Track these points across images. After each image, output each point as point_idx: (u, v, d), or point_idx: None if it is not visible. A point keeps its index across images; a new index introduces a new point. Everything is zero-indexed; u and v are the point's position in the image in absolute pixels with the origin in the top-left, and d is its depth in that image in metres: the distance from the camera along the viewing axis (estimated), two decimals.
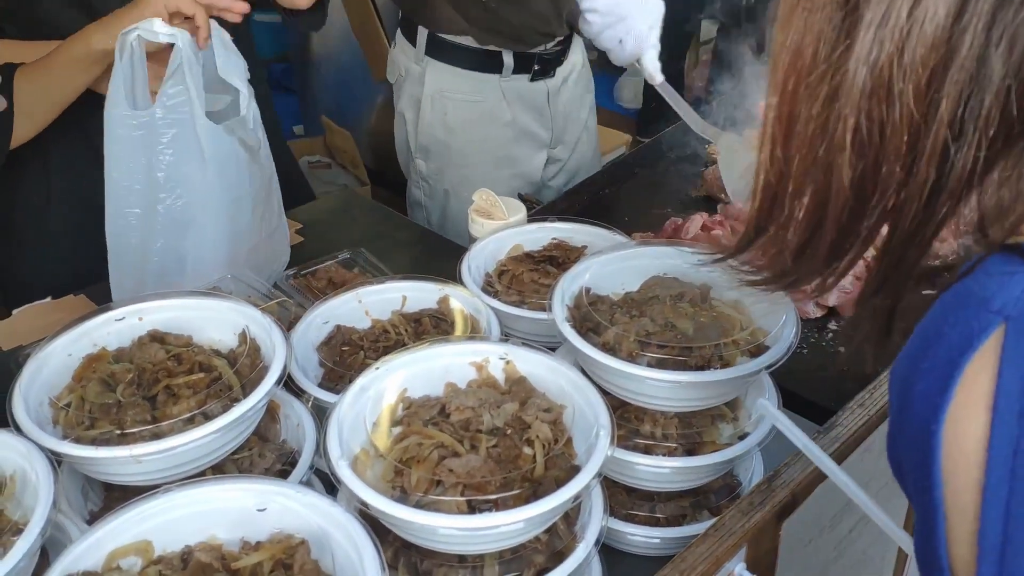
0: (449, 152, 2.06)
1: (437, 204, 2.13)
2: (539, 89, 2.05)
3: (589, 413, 0.99)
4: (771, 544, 1.03)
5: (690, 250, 1.19)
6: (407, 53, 2.04)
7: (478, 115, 2.02)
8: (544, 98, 2.07)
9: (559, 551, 0.97)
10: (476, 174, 2.03)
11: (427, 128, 2.05)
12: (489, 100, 2.01)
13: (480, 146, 2.04)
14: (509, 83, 2.00)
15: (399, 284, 1.31)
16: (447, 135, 2.04)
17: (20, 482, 0.93)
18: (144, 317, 1.11)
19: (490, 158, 2.06)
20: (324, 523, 0.86)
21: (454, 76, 1.99)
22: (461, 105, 2.01)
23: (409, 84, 2.05)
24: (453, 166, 2.06)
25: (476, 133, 2.03)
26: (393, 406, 1.04)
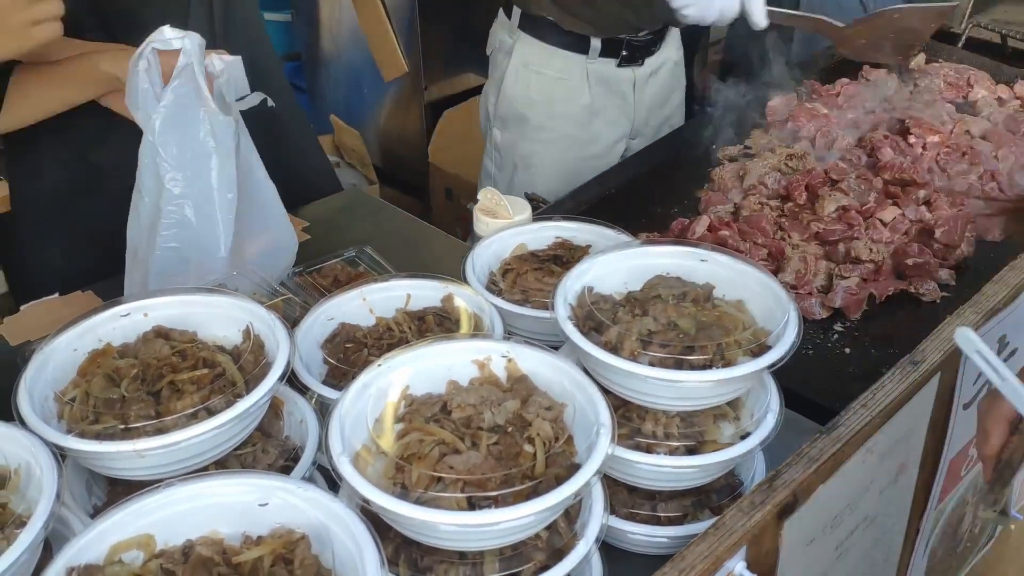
0: (525, 126, 2.11)
1: (505, 176, 2.18)
2: (625, 76, 2.08)
3: (590, 411, 0.99)
4: (772, 544, 1.03)
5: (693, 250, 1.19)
6: (504, 25, 2.10)
7: (559, 92, 2.06)
8: (630, 86, 2.10)
9: (559, 549, 0.98)
10: (548, 151, 2.09)
11: (508, 99, 2.11)
12: (572, 79, 2.05)
13: (556, 123, 2.09)
14: (594, 65, 2.04)
15: (403, 282, 1.31)
16: (526, 108, 2.09)
17: (24, 476, 0.94)
18: (149, 313, 1.12)
19: (563, 137, 2.10)
20: (325, 519, 0.87)
21: (542, 51, 2.04)
22: (544, 80, 2.06)
23: (501, 56, 2.11)
24: (527, 140, 2.12)
25: (554, 109, 2.08)
26: (395, 403, 1.04)
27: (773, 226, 1.66)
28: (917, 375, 1.18)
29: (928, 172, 1.81)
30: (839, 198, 1.67)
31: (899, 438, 1.19)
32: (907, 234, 1.65)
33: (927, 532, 1.41)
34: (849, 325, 1.52)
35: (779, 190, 1.75)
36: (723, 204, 1.73)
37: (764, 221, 1.64)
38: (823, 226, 1.63)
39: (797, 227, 1.65)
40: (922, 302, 1.57)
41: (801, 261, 1.58)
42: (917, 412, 1.21)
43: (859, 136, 1.93)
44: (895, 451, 1.19)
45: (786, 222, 1.67)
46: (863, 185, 1.72)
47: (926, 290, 1.57)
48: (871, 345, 1.49)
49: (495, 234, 1.44)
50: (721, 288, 1.17)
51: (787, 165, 1.80)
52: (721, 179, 1.81)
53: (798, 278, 1.56)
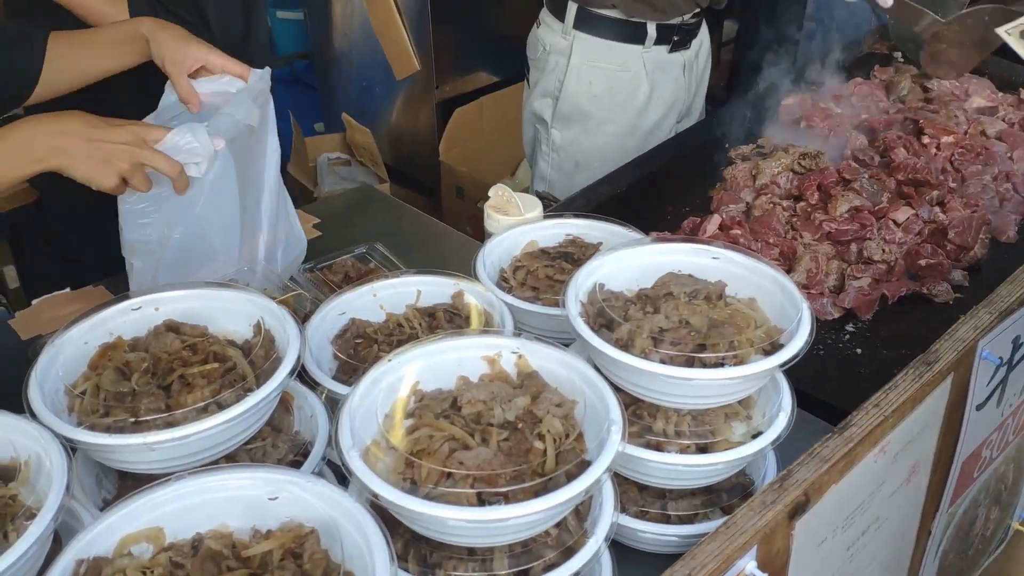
0: (588, 122, 2.15)
1: (564, 176, 2.22)
2: (676, 60, 2.14)
3: (601, 408, 0.99)
4: (783, 543, 1.03)
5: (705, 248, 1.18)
6: (553, 28, 2.14)
7: (620, 85, 2.11)
8: (680, 69, 2.16)
9: (569, 546, 0.97)
10: (609, 143, 2.14)
11: (571, 98, 2.14)
12: (632, 70, 2.10)
13: (616, 115, 2.13)
14: (650, 54, 2.09)
15: (414, 278, 1.31)
16: (590, 103, 2.13)
17: (35, 468, 0.94)
18: (160, 307, 1.12)
19: (622, 127, 2.15)
20: (335, 513, 0.86)
21: (600, 47, 2.09)
22: (605, 74, 2.11)
23: (553, 58, 2.14)
24: (589, 135, 2.16)
25: (616, 101, 2.12)
26: (405, 399, 1.04)
27: (785, 226, 1.65)
28: (930, 375, 1.17)
29: (942, 173, 1.79)
30: (852, 198, 1.66)
31: (911, 439, 1.18)
32: (920, 235, 1.64)
33: (939, 534, 1.40)
34: (860, 325, 1.51)
35: (791, 190, 1.74)
36: (735, 203, 1.72)
37: (776, 221, 1.63)
38: (835, 226, 1.62)
39: (809, 227, 1.64)
40: (935, 303, 1.56)
41: (812, 261, 1.57)
42: (930, 413, 1.20)
43: (872, 136, 1.92)
44: (907, 452, 1.18)
45: (798, 222, 1.66)
46: (876, 185, 1.70)
47: (939, 291, 1.55)
48: (882, 346, 1.48)
49: (506, 231, 1.44)
50: (733, 286, 1.16)
51: (800, 164, 1.79)
52: (733, 178, 1.80)
53: (809, 278, 1.55)
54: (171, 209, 1.28)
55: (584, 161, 2.18)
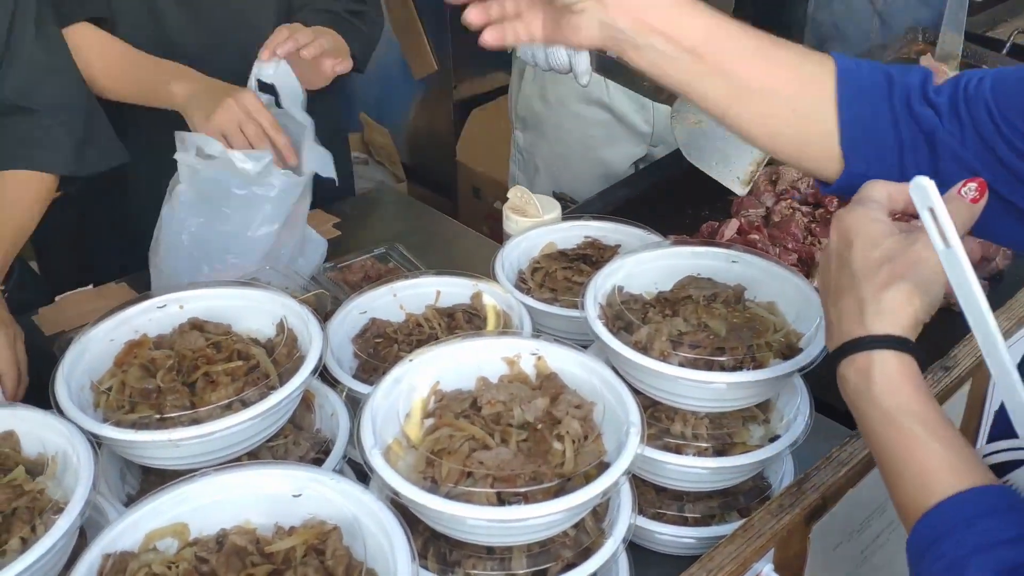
0: (542, 126, 2.11)
1: (527, 178, 2.20)
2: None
3: (620, 411, 1.00)
4: (800, 547, 1.03)
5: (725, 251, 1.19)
6: None
7: (574, 93, 2.05)
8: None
9: (587, 547, 0.98)
10: (566, 152, 2.09)
11: (526, 100, 2.12)
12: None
13: (574, 124, 2.08)
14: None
15: (433, 279, 1.32)
16: (543, 108, 2.09)
17: (62, 463, 0.96)
18: (185, 305, 1.13)
19: (583, 137, 2.09)
20: (357, 511, 0.87)
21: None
22: (560, 79, 2.01)
23: (519, 61, 2.11)
24: (548, 140, 2.12)
25: (571, 110, 2.07)
26: (425, 398, 1.05)
27: (804, 231, 1.65)
28: (948, 380, 1.18)
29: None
30: None
31: None
32: None
33: None
34: None
35: (811, 196, 1.73)
36: (755, 208, 1.72)
37: (795, 226, 1.63)
38: None
39: (828, 233, 1.63)
40: (953, 312, 1.54)
41: None
42: (948, 417, 1.20)
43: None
44: None
45: (817, 228, 1.65)
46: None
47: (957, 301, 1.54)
48: None
49: (524, 233, 1.45)
50: (752, 290, 1.17)
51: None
52: (754, 183, 1.80)
53: None
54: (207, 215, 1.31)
55: (544, 166, 2.14)
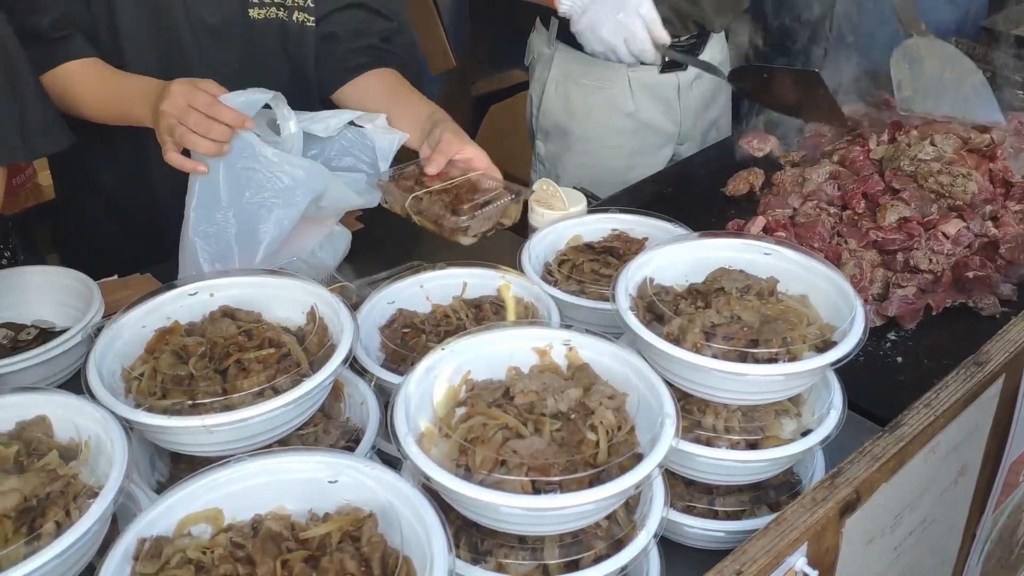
0: (568, 137, 2.08)
1: None
2: (669, 82, 2.04)
3: (654, 402, 0.99)
4: (833, 541, 1.03)
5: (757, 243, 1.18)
6: (541, 36, 2.08)
7: (600, 102, 2.03)
8: (674, 92, 2.05)
9: (619, 539, 0.97)
10: (593, 162, 2.07)
11: (549, 111, 2.09)
12: (614, 88, 2.02)
13: (599, 133, 2.06)
14: (636, 73, 2.00)
15: (460, 270, 1.32)
16: (568, 119, 2.07)
17: (95, 448, 0.96)
18: (216, 293, 1.13)
19: (608, 147, 2.07)
20: (393, 499, 0.87)
21: (581, 60, 1.99)
22: (584, 90, 2.03)
23: (540, 67, 2.09)
24: (571, 152, 2.09)
25: (596, 120, 2.05)
26: (456, 387, 1.05)
27: (830, 232, 1.63)
28: (981, 376, 1.17)
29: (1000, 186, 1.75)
30: (901, 208, 1.63)
31: (961, 439, 1.17)
32: (970, 247, 1.59)
33: (983, 537, 1.39)
34: (903, 334, 1.48)
35: (836, 198, 1.72)
36: (782, 208, 1.71)
37: (821, 226, 1.62)
38: (882, 235, 1.59)
39: (855, 234, 1.61)
40: (980, 316, 1.52)
41: (857, 267, 1.55)
42: (980, 414, 1.20)
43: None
44: (957, 452, 1.18)
45: (844, 229, 1.64)
46: (926, 195, 1.67)
47: (985, 304, 1.51)
48: (924, 355, 1.45)
49: (551, 225, 1.45)
50: (785, 282, 1.16)
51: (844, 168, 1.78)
52: (781, 183, 1.79)
53: (853, 283, 1.52)
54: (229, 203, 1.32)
55: (566, 176, 2.11)
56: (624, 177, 2.05)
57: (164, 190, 1.62)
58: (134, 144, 1.63)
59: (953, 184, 1.67)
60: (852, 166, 1.80)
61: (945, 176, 1.68)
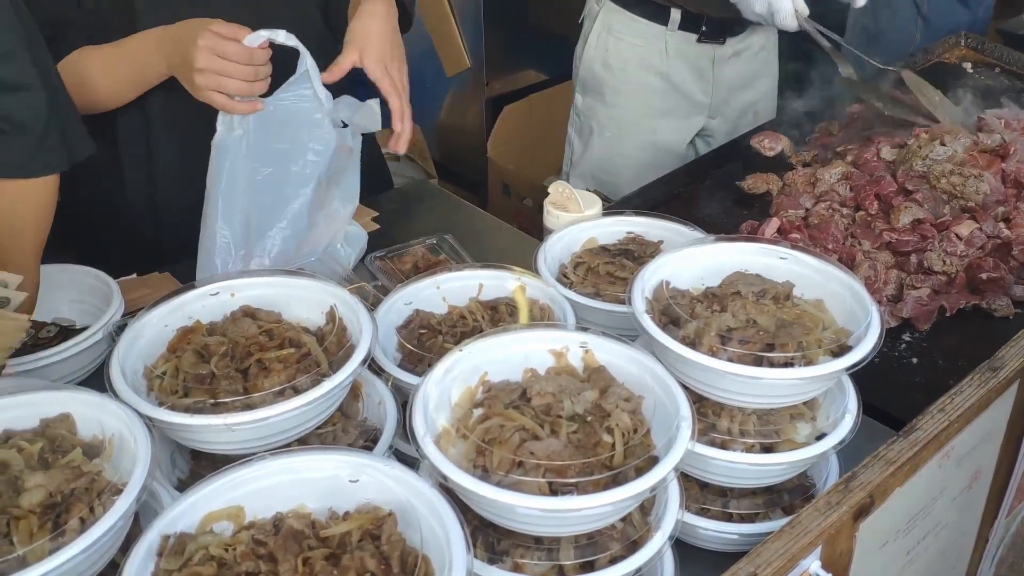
0: (604, 89, 2.17)
1: (583, 141, 2.25)
2: (705, 52, 2.12)
3: (670, 405, 1.00)
4: (847, 545, 1.03)
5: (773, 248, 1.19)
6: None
7: (636, 58, 2.11)
8: (709, 63, 2.13)
9: (634, 541, 0.98)
10: (625, 116, 2.15)
11: (588, 63, 2.18)
12: (649, 47, 2.10)
13: (632, 89, 2.14)
14: (674, 37, 2.08)
15: (476, 272, 1.33)
16: (604, 71, 2.15)
17: (118, 446, 0.97)
18: (236, 293, 1.15)
19: (640, 105, 2.15)
20: (412, 498, 0.88)
21: (623, 18, 2.11)
22: (621, 46, 2.12)
23: (588, 21, 2.18)
24: (606, 104, 2.17)
25: (631, 75, 2.13)
26: (473, 389, 1.06)
27: (844, 233, 1.64)
28: (996, 382, 1.17)
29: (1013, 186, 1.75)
30: (915, 210, 1.63)
31: (975, 444, 1.18)
32: (983, 249, 1.60)
33: (996, 542, 1.39)
34: (917, 336, 1.49)
35: (849, 199, 1.73)
36: (795, 208, 1.71)
37: (834, 227, 1.63)
38: (896, 236, 1.60)
39: (869, 235, 1.62)
40: (994, 317, 1.53)
41: (871, 268, 1.56)
42: (994, 419, 1.20)
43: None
44: (971, 457, 1.18)
45: (857, 230, 1.65)
46: (939, 196, 1.68)
47: (999, 305, 1.52)
48: (939, 357, 1.46)
49: (566, 228, 1.45)
50: (801, 287, 1.16)
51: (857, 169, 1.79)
52: (793, 183, 1.79)
53: (868, 285, 1.53)
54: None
55: (598, 128, 2.19)
56: (652, 138, 2.15)
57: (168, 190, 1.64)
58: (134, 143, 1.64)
59: (965, 185, 1.68)
60: (865, 167, 1.81)
61: (957, 177, 1.69)
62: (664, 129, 2.17)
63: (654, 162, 2.13)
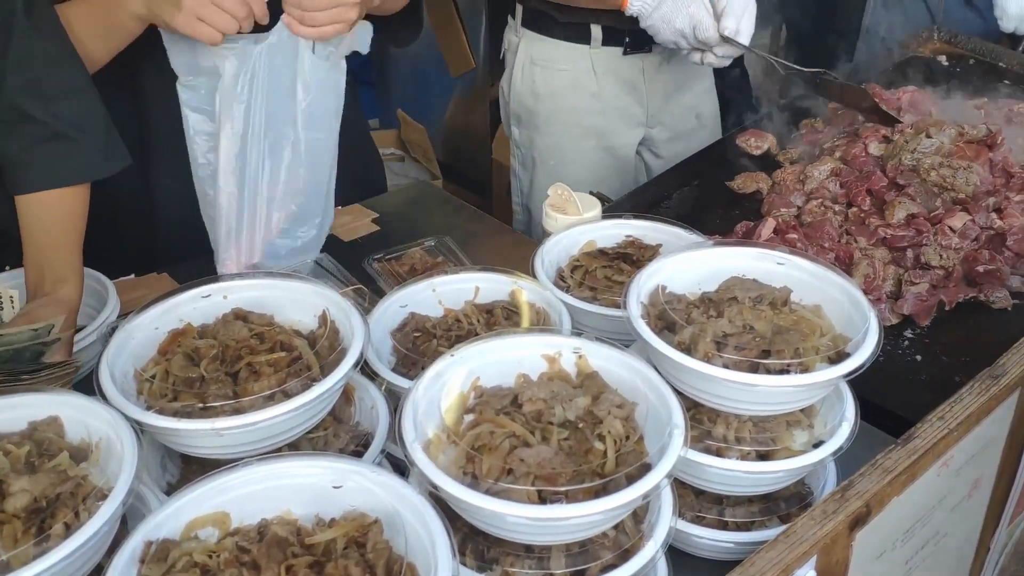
0: (537, 120, 2.13)
1: (528, 172, 2.21)
2: (633, 64, 2.07)
3: (663, 412, 0.99)
4: (843, 554, 1.02)
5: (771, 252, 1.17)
6: (510, 26, 2.14)
7: (564, 84, 2.07)
8: (639, 74, 2.08)
9: (626, 549, 0.97)
10: (563, 143, 2.11)
11: (518, 96, 2.14)
12: (576, 70, 2.06)
13: (566, 115, 2.10)
14: (599, 54, 2.04)
15: (472, 275, 1.32)
16: (535, 103, 2.11)
17: (105, 449, 0.96)
18: (229, 295, 1.14)
19: (576, 128, 2.11)
20: (398, 505, 0.87)
21: (545, 45, 2.07)
22: (548, 73, 2.08)
23: (509, 56, 2.15)
24: (541, 134, 2.14)
25: (562, 102, 2.09)
26: (465, 394, 1.04)
27: (839, 231, 1.64)
28: (997, 389, 1.15)
29: (1002, 176, 1.75)
30: (908, 205, 1.64)
31: (975, 453, 1.16)
32: (977, 241, 1.62)
33: (997, 551, 1.38)
34: (919, 331, 1.50)
35: (841, 196, 1.73)
36: (787, 207, 1.71)
37: (829, 226, 1.63)
38: (891, 232, 1.61)
39: (864, 232, 1.63)
40: (992, 309, 1.54)
41: (870, 266, 1.56)
42: (995, 427, 1.18)
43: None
44: (971, 466, 1.16)
45: (852, 227, 1.65)
46: (930, 189, 1.68)
47: (997, 297, 1.54)
48: (942, 352, 1.46)
49: (564, 230, 1.44)
50: (798, 292, 1.15)
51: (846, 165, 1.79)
52: (783, 181, 1.79)
53: (867, 282, 1.53)
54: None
55: (540, 159, 2.16)
56: (597, 157, 2.11)
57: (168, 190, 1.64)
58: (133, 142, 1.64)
59: (955, 177, 1.68)
60: (853, 162, 1.81)
61: (947, 169, 1.70)
62: (606, 148, 2.12)
63: (604, 180, 2.08)
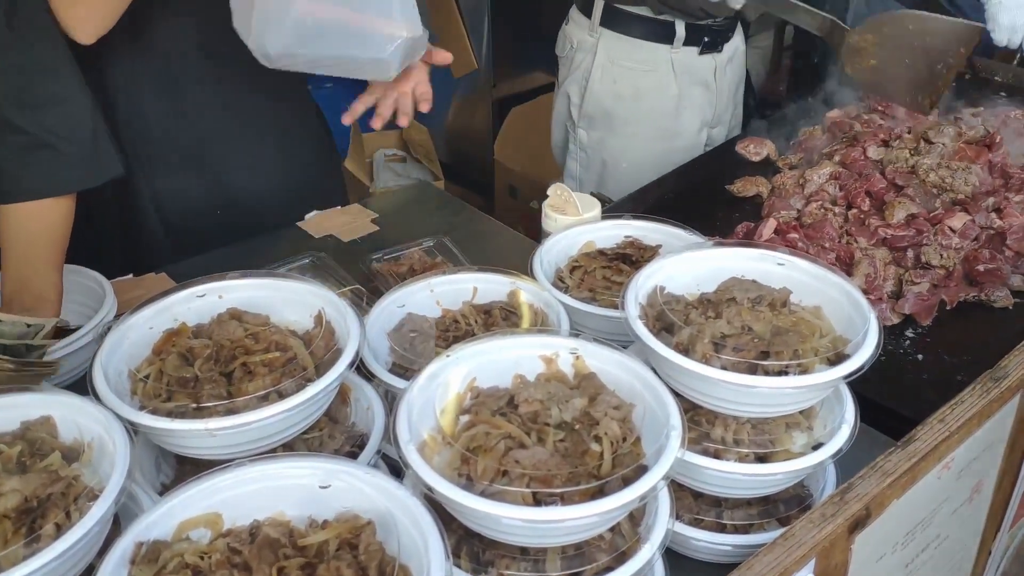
0: (613, 121, 2.13)
1: (592, 175, 2.21)
2: (706, 64, 2.10)
3: (660, 413, 0.98)
4: (842, 558, 1.01)
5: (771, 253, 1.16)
6: (581, 26, 2.12)
7: (648, 85, 2.08)
8: (711, 74, 2.12)
9: (623, 551, 0.96)
10: (637, 144, 2.12)
11: (595, 97, 2.13)
12: (659, 71, 2.07)
13: (644, 116, 2.11)
14: (679, 55, 2.06)
15: (470, 275, 1.31)
16: (614, 103, 2.11)
17: (98, 450, 0.96)
18: (224, 295, 1.13)
19: (652, 130, 2.12)
20: (391, 506, 0.86)
21: (626, 45, 2.07)
22: (631, 74, 2.08)
23: (579, 55, 2.13)
24: (615, 135, 2.14)
25: (642, 103, 2.10)
26: (461, 395, 1.04)
27: (839, 231, 1.64)
28: (998, 392, 1.14)
29: (1001, 177, 1.75)
30: (908, 205, 1.64)
31: (976, 456, 1.15)
32: (977, 240, 1.62)
33: (998, 555, 1.37)
34: (920, 331, 1.50)
35: (840, 197, 1.73)
36: (787, 210, 1.72)
37: (829, 226, 1.63)
38: (892, 232, 1.61)
39: (864, 232, 1.63)
40: (993, 308, 1.54)
41: (871, 266, 1.55)
42: (996, 430, 1.17)
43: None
44: (972, 469, 1.15)
45: (852, 228, 1.65)
46: (929, 190, 1.68)
47: (997, 296, 1.54)
48: (944, 351, 1.46)
49: (564, 231, 1.43)
50: (798, 294, 1.14)
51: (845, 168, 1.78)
52: (782, 185, 1.79)
53: (868, 282, 1.53)
54: None
55: (612, 161, 2.16)
56: (664, 159, 2.10)
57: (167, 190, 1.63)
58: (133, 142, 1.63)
59: (954, 178, 1.68)
60: (852, 166, 1.80)
61: (945, 170, 1.70)
62: (675, 150, 2.13)
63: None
